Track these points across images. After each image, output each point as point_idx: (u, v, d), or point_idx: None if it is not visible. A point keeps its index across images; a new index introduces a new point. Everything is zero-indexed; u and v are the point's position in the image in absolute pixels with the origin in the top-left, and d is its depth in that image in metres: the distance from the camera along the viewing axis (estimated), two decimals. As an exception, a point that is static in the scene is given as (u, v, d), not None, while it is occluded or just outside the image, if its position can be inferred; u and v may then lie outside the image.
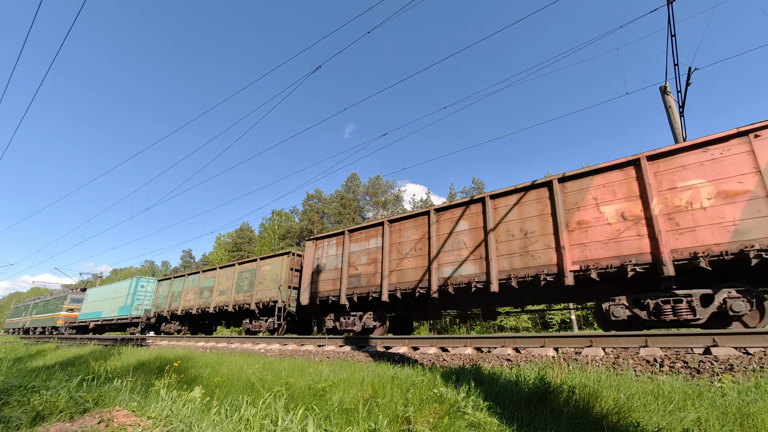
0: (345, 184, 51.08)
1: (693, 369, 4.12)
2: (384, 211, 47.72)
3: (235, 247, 54.69)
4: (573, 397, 2.95)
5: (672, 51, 8.01)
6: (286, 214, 54.38)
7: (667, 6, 7.43)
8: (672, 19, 7.54)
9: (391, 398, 3.34)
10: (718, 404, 2.69)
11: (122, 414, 2.73)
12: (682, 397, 2.91)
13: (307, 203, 50.49)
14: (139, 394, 3.35)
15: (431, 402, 3.04)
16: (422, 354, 6.61)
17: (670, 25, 7.66)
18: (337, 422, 2.77)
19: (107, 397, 3.16)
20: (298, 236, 46.07)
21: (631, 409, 2.70)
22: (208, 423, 2.56)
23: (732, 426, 2.38)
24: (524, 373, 3.70)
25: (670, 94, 9.93)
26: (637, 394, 3.03)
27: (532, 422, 2.60)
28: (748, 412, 2.51)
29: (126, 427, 2.49)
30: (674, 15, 7.44)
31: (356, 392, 3.65)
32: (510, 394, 3.12)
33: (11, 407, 2.83)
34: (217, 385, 4.42)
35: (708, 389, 3.11)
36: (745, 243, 5.45)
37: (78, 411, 2.81)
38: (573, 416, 2.64)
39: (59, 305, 27.89)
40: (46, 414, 2.70)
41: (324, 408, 3.11)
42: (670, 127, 9.85)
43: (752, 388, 3.10)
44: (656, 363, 4.45)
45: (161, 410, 2.76)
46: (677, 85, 8.97)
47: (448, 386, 3.36)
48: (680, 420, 2.46)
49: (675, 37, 7.82)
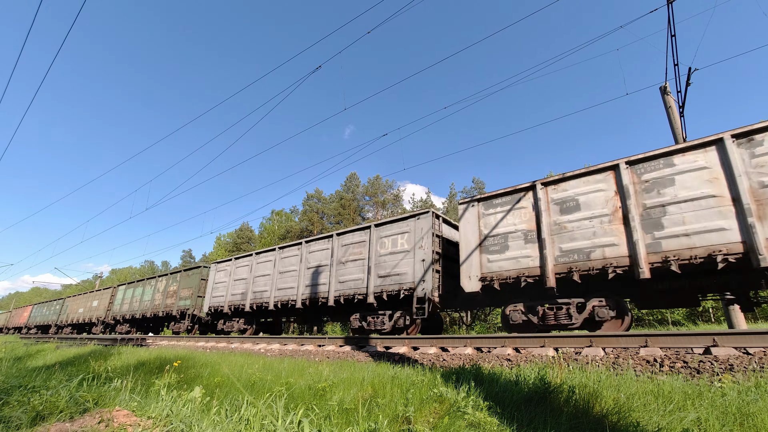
0: (345, 184, 51.08)
1: (693, 369, 4.12)
2: (384, 211, 47.72)
3: (235, 247, 54.68)
4: (573, 397, 2.95)
5: (672, 51, 8.01)
6: (286, 214, 54.39)
7: (667, 6, 7.44)
8: (672, 19, 7.54)
9: (391, 398, 3.34)
10: (718, 404, 2.69)
11: (122, 414, 2.73)
12: (682, 397, 2.91)
13: (307, 203, 50.49)
14: (140, 394, 3.34)
15: (431, 402, 3.04)
16: (422, 354, 6.61)
17: (670, 25, 7.67)
18: (337, 422, 2.77)
19: (107, 397, 3.16)
20: (298, 236, 46.03)
21: (631, 409, 2.70)
22: (208, 423, 2.55)
23: (732, 426, 2.38)
24: (524, 373, 3.70)
25: (670, 94, 9.94)
26: (637, 394, 3.03)
27: (532, 422, 2.60)
28: (748, 412, 2.51)
29: (126, 427, 2.49)
30: (674, 15, 7.45)
31: (356, 392, 3.65)
32: (510, 394, 3.12)
33: (11, 407, 2.83)
34: (218, 385, 4.42)
35: (708, 389, 3.11)
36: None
37: (78, 411, 2.81)
38: (573, 416, 2.64)
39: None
40: (46, 414, 2.70)
41: (324, 408, 3.11)
42: (670, 128, 9.86)
43: (752, 388, 3.10)
44: (656, 363, 4.45)
45: (161, 410, 2.75)
46: (677, 85, 8.98)
47: (448, 386, 3.36)
48: (680, 420, 2.46)
49: (675, 37, 7.83)
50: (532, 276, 7.18)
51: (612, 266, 6.37)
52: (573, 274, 6.72)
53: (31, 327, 31.47)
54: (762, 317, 31.36)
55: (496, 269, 7.70)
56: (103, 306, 22.26)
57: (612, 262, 6.41)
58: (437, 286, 8.63)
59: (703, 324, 24.18)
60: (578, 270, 6.70)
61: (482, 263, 7.95)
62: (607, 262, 6.45)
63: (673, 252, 5.96)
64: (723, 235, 5.65)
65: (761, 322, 27.40)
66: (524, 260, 7.39)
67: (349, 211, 47.11)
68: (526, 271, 7.29)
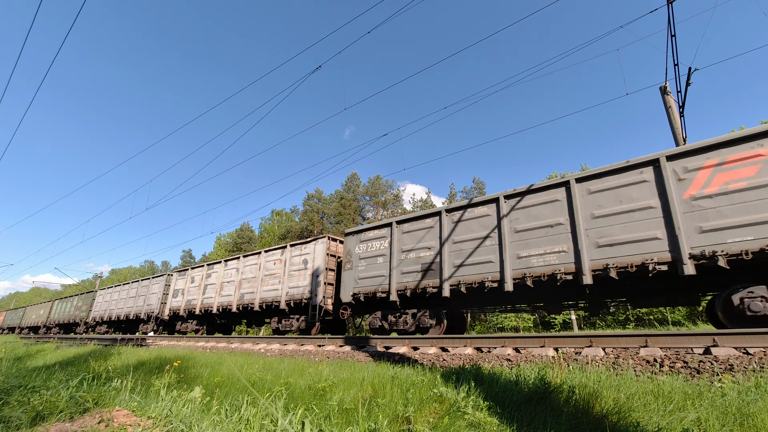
0: (345, 184, 51.08)
1: (693, 369, 4.11)
2: (384, 211, 47.72)
3: (235, 247, 54.68)
4: (573, 397, 2.95)
5: (672, 51, 8.01)
6: (286, 214, 54.40)
7: (667, 6, 7.43)
8: (672, 19, 7.54)
9: (391, 398, 3.34)
10: (718, 404, 2.69)
11: (122, 414, 2.73)
12: (682, 397, 2.91)
13: (307, 203, 50.49)
14: (139, 394, 3.34)
15: (431, 402, 3.04)
16: (422, 354, 6.61)
17: (670, 25, 7.66)
18: (337, 422, 2.77)
19: (107, 397, 3.16)
20: (298, 236, 46.04)
21: (631, 409, 2.70)
22: (208, 423, 2.56)
23: (732, 426, 2.38)
24: (524, 373, 3.70)
25: (670, 95, 9.93)
26: (637, 394, 3.03)
27: (532, 422, 2.60)
28: (748, 412, 2.50)
29: (126, 427, 2.49)
30: (674, 15, 7.45)
31: (356, 392, 3.65)
32: (510, 394, 3.12)
33: (11, 407, 2.83)
34: (217, 385, 4.42)
35: (708, 389, 3.11)
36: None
37: (78, 411, 2.81)
38: (573, 416, 2.64)
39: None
40: (46, 414, 2.70)
41: (324, 408, 3.11)
42: (670, 128, 9.85)
43: (752, 388, 3.10)
44: (656, 363, 4.45)
45: (161, 410, 2.76)
46: (677, 85, 8.97)
47: (448, 386, 3.36)
48: (680, 420, 2.46)
49: (675, 37, 7.82)
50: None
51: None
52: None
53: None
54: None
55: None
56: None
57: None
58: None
59: (703, 324, 24.16)
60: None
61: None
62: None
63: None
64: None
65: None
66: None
67: (349, 211, 47.11)
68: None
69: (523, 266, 7.22)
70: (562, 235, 6.98)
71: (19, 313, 36.37)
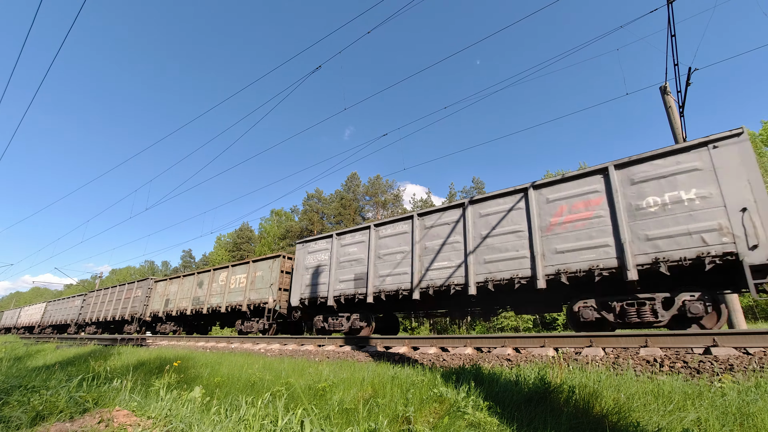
0: (345, 184, 51.08)
1: (693, 369, 4.11)
2: (384, 211, 47.71)
3: (235, 247, 54.70)
4: (573, 397, 2.94)
5: (672, 51, 8.01)
6: (286, 214, 54.40)
7: (667, 6, 7.43)
8: (672, 19, 7.54)
9: (391, 398, 3.34)
10: (718, 404, 2.69)
11: (122, 414, 2.73)
12: (682, 397, 2.91)
13: (307, 203, 50.49)
14: (139, 394, 3.34)
15: (431, 402, 3.04)
16: (422, 354, 6.61)
17: (670, 25, 7.66)
18: (337, 422, 2.77)
19: (107, 397, 3.16)
20: (298, 236, 46.05)
21: (631, 409, 2.70)
22: (208, 423, 2.55)
23: (732, 426, 2.37)
24: (524, 373, 3.70)
25: (670, 94, 9.93)
26: (637, 394, 3.02)
27: (532, 422, 2.60)
28: (748, 412, 2.50)
29: (126, 427, 2.49)
30: (674, 15, 7.45)
31: (356, 392, 3.65)
32: (510, 394, 3.12)
33: (11, 407, 2.83)
34: (217, 385, 4.42)
35: (708, 389, 3.11)
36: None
37: (78, 411, 2.81)
38: (573, 416, 2.64)
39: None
40: (46, 414, 2.70)
41: (324, 408, 3.11)
42: (670, 128, 9.86)
43: (752, 388, 3.10)
44: (656, 363, 4.45)
45: (161, 410, 2.76)
46: (677, 85, 8.97)
47: (448, 386, 3.36)
48: (680, 420, 2.46)
49: (675, 37, 7.82)
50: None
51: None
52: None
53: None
54: (762, 317, 31.36)
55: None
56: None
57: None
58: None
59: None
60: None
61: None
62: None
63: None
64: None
65: (761, 322, 27.42)
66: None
67: (349, 211, 47.10)
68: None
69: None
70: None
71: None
